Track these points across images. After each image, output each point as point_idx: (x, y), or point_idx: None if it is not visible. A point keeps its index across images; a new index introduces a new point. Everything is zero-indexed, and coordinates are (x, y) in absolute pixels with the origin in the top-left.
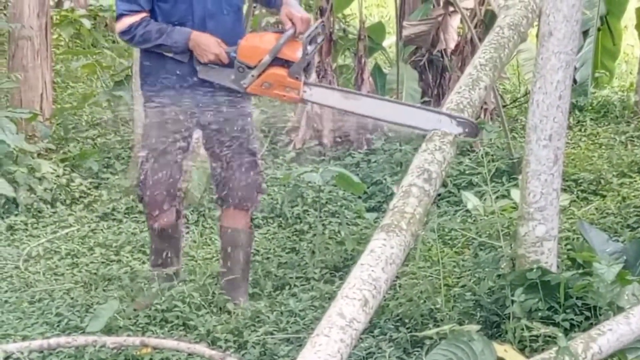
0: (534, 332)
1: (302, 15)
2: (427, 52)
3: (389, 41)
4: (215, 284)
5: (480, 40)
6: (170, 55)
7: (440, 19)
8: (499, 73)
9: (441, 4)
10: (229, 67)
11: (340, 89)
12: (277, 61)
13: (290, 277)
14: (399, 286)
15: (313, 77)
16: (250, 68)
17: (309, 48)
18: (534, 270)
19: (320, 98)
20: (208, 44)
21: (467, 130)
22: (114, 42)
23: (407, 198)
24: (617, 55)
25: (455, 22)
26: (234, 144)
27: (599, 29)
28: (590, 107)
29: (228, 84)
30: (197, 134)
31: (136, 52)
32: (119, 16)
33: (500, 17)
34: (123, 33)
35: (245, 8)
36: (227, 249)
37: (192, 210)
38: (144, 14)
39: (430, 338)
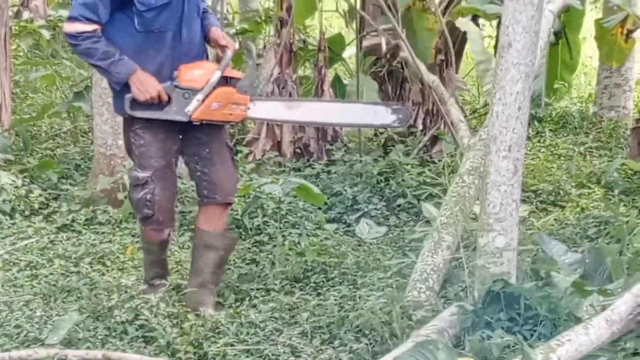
0: (495, 342)
1: (229, 35)
2: (387, 63)
3: (349, 52)
4: (178, 293)
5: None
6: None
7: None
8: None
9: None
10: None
11: (282, 98)
12: (222, 80)
13: (251, 289)
14: (359, 297)
15: (272, 88)
16: (195, 93)
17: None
18: (497, 281)
19: (264, 112)
20: (149, 82)
21: (400, 116)
22: (73, 52)
23: None
24: (575, 68)
25: None
26: (213, 139)
27: (552, 43)
28: (549, 118)
29: (169, 116)
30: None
31: None
32: (73, 18)
33: (463, 162)
34: (70, 36)
35: None
36: (201, 251)
37: None
38: (97, 27)
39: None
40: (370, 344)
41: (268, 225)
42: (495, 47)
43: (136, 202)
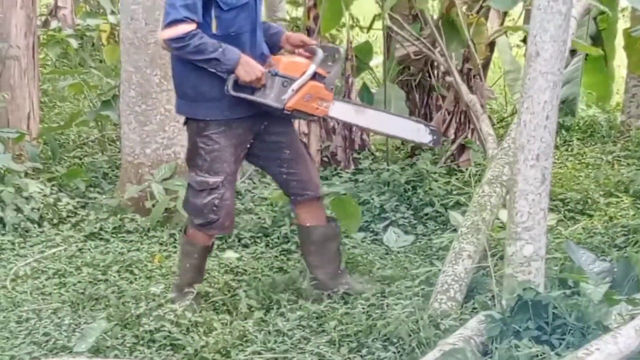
0: (523, 351)
1: None
2: (420, 72)
3: (377, 61)
4: (206, 301)
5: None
6: (212, 70)
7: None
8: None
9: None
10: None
11: (353, 102)
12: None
13: (279, 297)
14: (387, 305)
15: None
16: (292, 82)
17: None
18: (526, 290)
19: (340, 113)
20: (254, 65)
21: (435, 137)
22: (100, 61)
23: None
24: (613, 76)
25: None
26: (292, 139)
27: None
28: (577, 127)
29: (267, 101)
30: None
31: (133, 76)
32: (176, 21)
33: (486, 172)
34: (176, 40)
35: None
36: (320, 246)
37: (180, 230)
38: (196, 25)
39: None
40: (398, 352)
41: (295, 234)
42: (524, 55)
43: (200, 208)
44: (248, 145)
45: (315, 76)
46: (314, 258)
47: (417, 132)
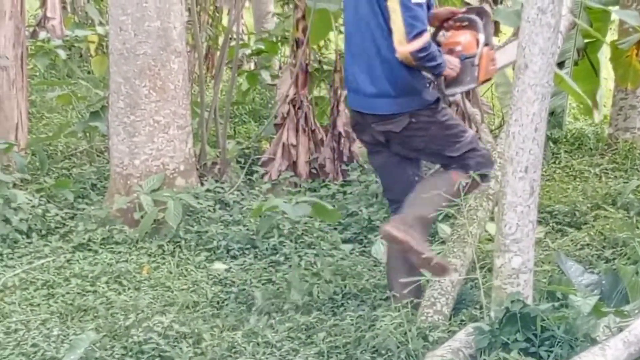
0: None
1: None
2: None
3: None
4: (195, 312)
5: None
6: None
7: None
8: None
9: None
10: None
11: (501, 45)
12: None
13: (268, 309)
14: (375, 317)
15: (288, 108)
16: (473, 57)
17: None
18: (514, 302)
19: (501, 61)
20: (452, 60)
21: None
22: (89, 72)
23: None
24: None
25: None
26: None
27: (576, 63)
28: (564, 140)
29: (471, 86)
30: None
31: (122, 87)
32: (422, 31)
33: None
34: (421, 50)
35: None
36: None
37: (168, 241)
38: None
39: None
40: None
41: (284, 246)
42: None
43: (487, 159)
44: None
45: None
46: None
47: None
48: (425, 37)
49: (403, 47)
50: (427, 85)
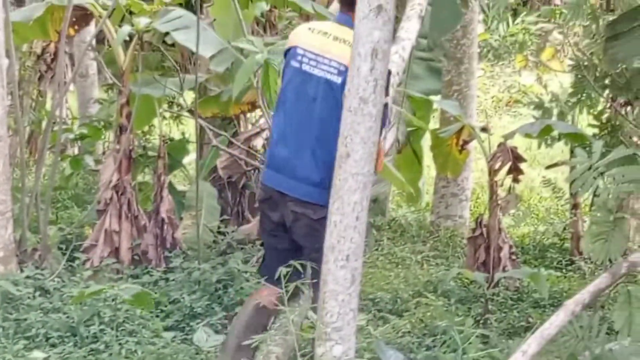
0: None
1: None
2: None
3: (189, 158)
4: None
5: None
6: None
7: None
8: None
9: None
10: None
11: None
12: None
13: None
14: None
15: (111, 194)
16: None
17: None
18: None
19: None
20: None
21: None
22: None
23: None
24: (421, 174)
25: (258, 141)
26: None
27: (399, 150)
28: (387, 227)
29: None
30: None
31: None
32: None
33: None
34: None
35: None
36: None
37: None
38: None
39: None
40: None
41: (105, 333)
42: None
43: None
44: None
45: None
46: None
47: None
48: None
49: None
50: None
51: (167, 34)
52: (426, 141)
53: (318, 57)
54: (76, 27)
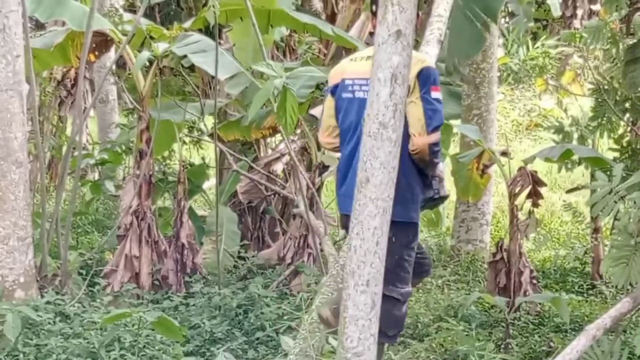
0: None
1: None
2: (264, 201)
3: (209, 183)
4: None
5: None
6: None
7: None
8: None
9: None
10: None
11: None
12: None
13: None
14: None
15: (131, 219)
16: None
17: None
18: None
19: None
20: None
21: None
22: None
23: None
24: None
25: (278, 166)
26: None
27: None
28: None
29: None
30: None
31: None
32: (439, 127)
33: (316, 297)
34: (437, 144)
35: None
36: None
37: (6, 355)
38: None
39: None
40: None
41: (125, 359)
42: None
43: (402, 318)
44: None
45: None
46: None
47: None
48: (439, 133)
49: (422, 138)
50: (414, 201)
51: (184, 57)
52: (447, 166)
53: (368, 80)
54: (96, 52)
